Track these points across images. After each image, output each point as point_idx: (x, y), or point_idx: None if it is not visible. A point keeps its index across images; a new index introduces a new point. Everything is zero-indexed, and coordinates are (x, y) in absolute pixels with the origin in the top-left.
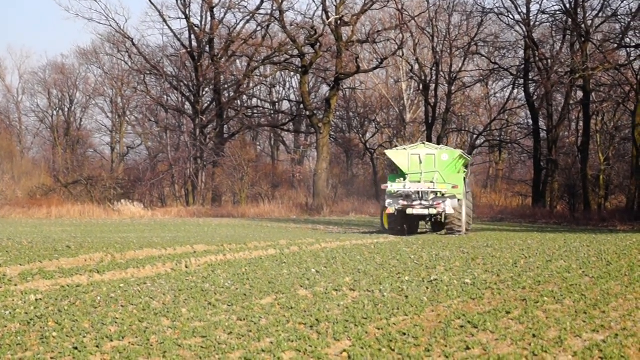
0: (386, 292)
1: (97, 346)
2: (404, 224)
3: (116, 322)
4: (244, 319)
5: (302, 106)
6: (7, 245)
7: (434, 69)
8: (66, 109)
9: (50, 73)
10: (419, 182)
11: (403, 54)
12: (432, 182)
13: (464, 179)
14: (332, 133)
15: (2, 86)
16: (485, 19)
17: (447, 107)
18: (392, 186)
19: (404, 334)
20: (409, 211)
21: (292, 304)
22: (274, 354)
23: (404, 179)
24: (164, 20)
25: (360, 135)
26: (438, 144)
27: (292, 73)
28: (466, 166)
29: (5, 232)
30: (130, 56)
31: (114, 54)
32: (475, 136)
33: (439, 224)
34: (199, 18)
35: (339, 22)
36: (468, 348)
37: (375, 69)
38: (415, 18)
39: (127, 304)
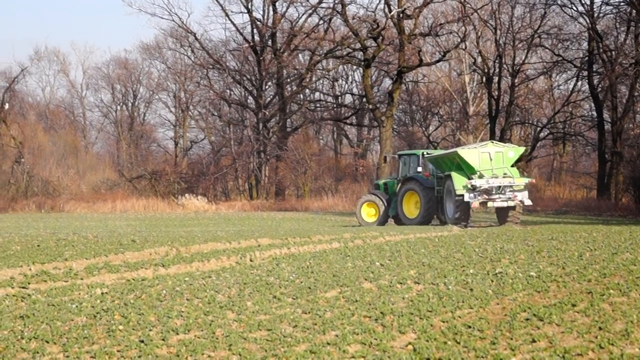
0: (451, 285)
1: (163, 339)
2: (468, 217)
3: (182, 316)
4: (309, 312)
5: (364, 99)
6: (73, 240)
7: (496, 61)
8: (130, 104)
9: (113, 68)
10: (497, 177)
11: (466, 47)
12: (510, 177)
13: None
14: (395, 126)
15: (66, 81)
16: (549, 10)
17: (511, 100)
18: (477, 181)
19: (469, 326)
20: (490, 204)
21: (356, 297)
22: (340, 347)
23: (480, 176)
24: (226, 15)
25: (423, 129)
26: (501, 136)
27: (355, 66)
28: None
29: (71, 227)
30: (193, 51)
31: (176, 48)
32: (538, 129)
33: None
34: (261, 12)
35: (401, 15)
36: (534, 341)
37: (437, 62)
38: (478, 10)
39: (192, 298)
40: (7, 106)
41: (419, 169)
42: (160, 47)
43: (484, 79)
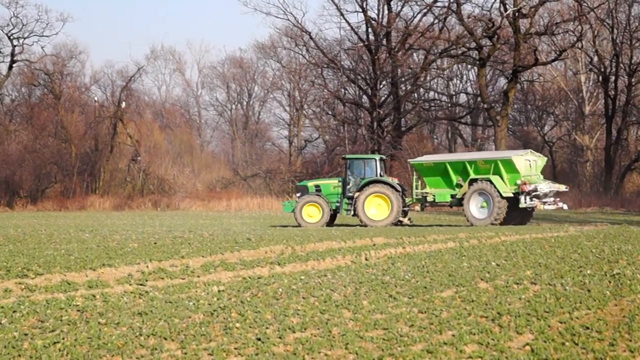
0: (568, 286)
1: (280, 337)
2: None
3: (298, 314)
4: (425, 312)
5: (479, 99)
6: (189, 238)
7: (613, 60)
8: (244, 103)
9: (228, 67)
10: (547, 182)
11: (582, 46)
12: (556, 183)
13: None
14: (510, 126)
15: (182, 80)
16: None
17: (627, 100)
18: (540, 185)
19: (587, 328)
20: (540, 207)
21: (472, 297)
22: (456, 347)
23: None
24: (341, 14)
25: (539, 128)
26: (618, 136)
27: (470, 65)
28: None
29: (187, 225)
30: (308, 50)
31: (291, 47)
32: None
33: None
34: (376, 11)
35: (517, 14)
36: None
37: (553, 61)
38: (595, 9)
39: (308, 296)
40: (124, 105)
41: (381, 172)
42: (275, 46)
43: (601, 78)
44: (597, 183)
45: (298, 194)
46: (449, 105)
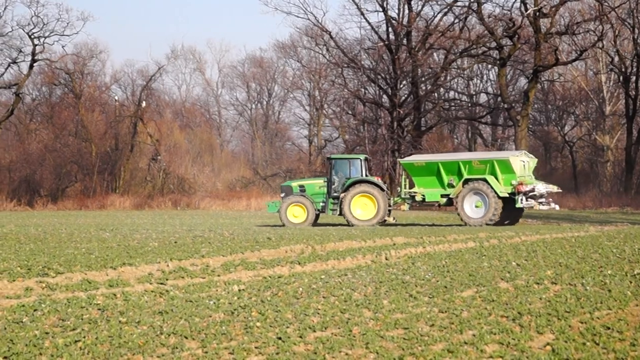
0: (589, 286)
1: (301, 336)
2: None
3: (318, 313)
4: (446, 311)
5: (499, 99)
6: (209, 237)
7: (634, 60)
8: (264, 102)
9: (249, 67)
10: (543, 183)
11: (603, 46)
12: (549, 183)
13: None
14: (530, 126)
15: (202, 80)
16: None
17: None
18: (538, 186)
19: (608, 328)
20: (536, 207)
21: (493, 297)
22: (477, 347)
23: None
24: (362, 13)
25: (559, 128)
26: (639, 136)
27: (490, 65)
28: None
29: (207, 224)
30: (328, 49)
31: (311, 47)
32: None
33: None
34: (397, 11)
35: (537, 13)
36: None
37: (574, 60)
38: (616, 9)
39: (328, 295)
40: (144, 104)
41: (366, 172)
42: (295, 45)
43: (621, 78)
44: (617, 183)
45: (282, 195)
46: (469, 105)
